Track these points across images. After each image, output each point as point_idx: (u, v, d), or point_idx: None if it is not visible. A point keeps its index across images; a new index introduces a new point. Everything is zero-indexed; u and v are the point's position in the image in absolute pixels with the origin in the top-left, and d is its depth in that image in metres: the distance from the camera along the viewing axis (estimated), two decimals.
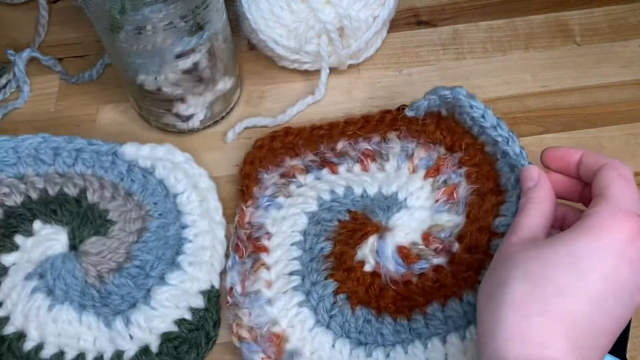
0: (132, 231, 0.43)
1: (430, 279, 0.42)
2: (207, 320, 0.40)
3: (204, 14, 0.44)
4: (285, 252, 0.44)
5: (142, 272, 0.41)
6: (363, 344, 0.40)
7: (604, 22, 0.58)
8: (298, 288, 0.42)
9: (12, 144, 0.44)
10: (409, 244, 0.43)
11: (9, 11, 0.62)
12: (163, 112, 0.50)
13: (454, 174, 0.45)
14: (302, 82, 0.56)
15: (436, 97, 0.45)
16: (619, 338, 0.41)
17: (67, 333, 0.39)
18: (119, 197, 0.44)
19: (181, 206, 0.44)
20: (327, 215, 0.45)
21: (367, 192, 0.46)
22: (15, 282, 0.40)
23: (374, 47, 0.55)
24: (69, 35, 0.60)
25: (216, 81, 0.50)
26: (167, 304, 0.40)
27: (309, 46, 0.52)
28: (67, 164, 0.45)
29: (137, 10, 0.40)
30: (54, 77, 0.57)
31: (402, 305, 0.41)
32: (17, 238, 0.42)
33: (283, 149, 0.49)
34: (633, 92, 0.53)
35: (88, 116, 0.54)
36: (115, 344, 0.39)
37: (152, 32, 0.42)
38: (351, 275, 0.42)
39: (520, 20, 0.59)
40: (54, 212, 0.43)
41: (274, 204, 0.46)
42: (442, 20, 0.59)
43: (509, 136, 0.42)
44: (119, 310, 0.40)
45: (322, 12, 0.49)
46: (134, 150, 0.45)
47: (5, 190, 0.43)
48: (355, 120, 0.49)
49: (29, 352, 0.38)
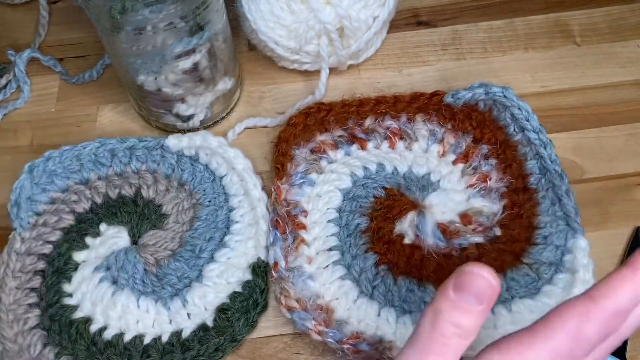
0: (185, 221, 0.47)
1: (472, 253, 0.44)
2: (255, 290, 0.43)
3: (204, 15, 0.44)
4: (322, 229, 0.45)
5: (194, 254, 0.45)
6: (408, 312, 0.42)
7: (603, 23, 0.58)
8: (338, 262, 0.44)
9: (76, 152, 0.48)
10: (447, 222, 0.45)
11: (9, 11, 0.62)
12: (163, 112, 0.50)
13: (483, 163, 0.48)
14: (302, 82, 0.56)
15: (482, 92, 0.48)
16: None
17: (127, 316, 0.43)
18: (172, 189, 0.48)
19: (227, 189, 0.48)
20: (362, 191, 0.46)
21: (397, 170, 0.48)
22: (85, 276, 0.44)
23: (373, 48, 0.56)
24: (69, 35, 0.60)
25: (216, 81, 0.50)
26: (218, 280, 0.44)
27: (309, 46, 0.52)
28: (123, 162, 0.49)
29: (137, 10, 0.40)
30: (54, 77, 0.57)
31: (443, 275, 0.42)
32: (87, 239, 0.46)
33: (315, 125, 0.50)
34: (633, 92, 0.53)
35: (88, 116, 0.55)
36: (174, 324, 0.43)
37: (152, 33, 0.42)
38: (391, 248, 0.44)
39: (520, 21, 0.59)
40: (115, 215, 0.47)
41: (307, 180, 0.47)
42: (442, 21, 0.59)
43: (547, 142, 0.46)
44: (175, 291, 0.44)
45: (322, 13, 0.49)
46: (176, 141, 0.48)
47: (75, 197, 0.47)
48: (386, 99, 0.50)
49: (94, 334, 0.42)
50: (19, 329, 0.42)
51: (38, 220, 0.46)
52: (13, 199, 0.46)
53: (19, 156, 0.53)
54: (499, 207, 0.46)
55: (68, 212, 0.47)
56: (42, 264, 0.45)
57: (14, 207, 0.46)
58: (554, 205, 0.45)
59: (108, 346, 0.42)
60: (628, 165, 0.49)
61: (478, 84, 0.48)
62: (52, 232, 0.46)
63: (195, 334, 0.42)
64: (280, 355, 0.43)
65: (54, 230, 0.46)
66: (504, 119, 0.48)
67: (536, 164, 0.46)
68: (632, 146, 0.51)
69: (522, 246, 0.44)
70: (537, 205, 0.45)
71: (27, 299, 0.43)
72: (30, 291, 0.44)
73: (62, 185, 0.48)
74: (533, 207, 0.45)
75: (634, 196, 0.48)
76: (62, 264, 0.45)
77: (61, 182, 0.48)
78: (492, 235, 0.45)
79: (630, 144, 0.51)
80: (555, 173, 0.45)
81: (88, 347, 0.42)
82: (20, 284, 0.44)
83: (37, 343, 0.41)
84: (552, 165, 0.45)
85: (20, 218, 0.46)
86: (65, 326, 0.42)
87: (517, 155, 0.47)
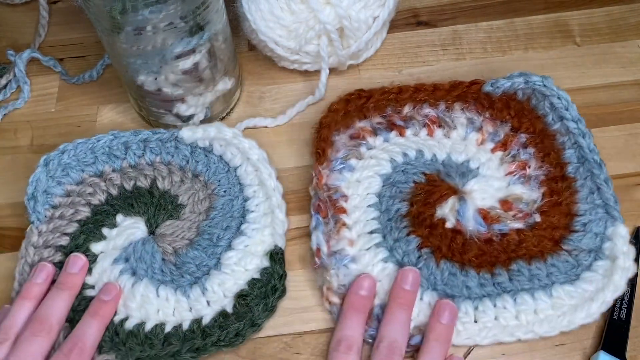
0: (201, 211, 0.47)
1: (513, 238, 0.45)
2: (273, 276, 0.44)
3: (204, 15, 0.44)
4: (363, 213, 0.46)
5: (212, 243, 0.46)
6: (450, 296, 0.42)
7: (603, 23, 0.58)
8: (380, 245, 0.45)
9: (90, 145, 0.48)
10: (488, 208, 0.46)
11: (9, 12, 0.62)
12: (163, 112, 0.50)
13: (522, 152, 0.48)
14: (302, 82, 0.56)
15: (521, 81, 0.48)
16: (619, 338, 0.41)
17: (147, 306, 0.43)
18: (187, 180, 0.49)
19: (242, 179, 0.48)
20: (402, 177, 0.47)
21: (436, 157, 0.49)
22: (105, 267, 0.45)
23: (373, 48, 0.56)
24: (69, 35, 0.60)
25: (216, 81, 0.50)
26: (236, 268, 0.45)
27: (308, 47, 0.52)
28: (137, 154, 0.49)
29: (138, 11, 0.40)
30: (54, 77, 0.57)
31: (484, 261, 0.44)
32: (103, 230, 0.47)
33: (354, 111, 0.50)
34: (633, 93, 0.53)
35: (88, 116, 0.55)
36: (194, 311, 0.43)
37: (153, 33, 0.42)
38: (434, 232, 0.45)
39: (520, 21, 0.59)
40: (132, 206, 0.47)
41: (347, 166, 0.48)
42: (442, 21, 0.59)
43: (586, 132, 0.47)
44: (195, 279, 0.44)
45: (322, 13, 0.49)
46: (191, 133, 0.48)
47: (90, 190, 0.48)
48: (425, 87, 0.51)
49: (116, 325, 0.43)
50: None
51: (54, 213, 0.47)
52: (30, 192, 0.46)
53: (19, 156, 0.53)
54: (539, 195, 0.46)
55: (84, 204, 0.47)
56: (60, 255, 0.45)
57: (31, 200, 0.46)
58: (593, 194, 0.46)
59: (130, 336, 0.42)
60: (628, 165, 0.49)
61: (518, 73, 0.49)
62: (69, 224, 0.46)
63: (216, 321, 0.43)
64: (280, 356, 0.43)
65: (71, 222, 0.47)
66: (543, 108, 0.49)
67: (574, 153, 0.47)
68: (632, 146, 0.51)
69: (561, 233, 0.45)
70: (575, 193, 0.46)
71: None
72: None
73: (77, 178, 0.48)
74: (572, 195, 0.46)
75: (634, 196, 0.48)
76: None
77: (76, 175, 0.48)
78: (532, 221, 0.45)
79: (630, 144, 0.51)
80: (594, 162, 0.46)
81: (112, 338, 0.42)
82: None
83: (60, 335, 0.41)
84: (591, 155, 0.46)
85: (37, 211, 0.46)
86: None
87: (555, 144, 0.48)
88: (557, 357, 0.42)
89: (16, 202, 0.50)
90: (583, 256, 0.43)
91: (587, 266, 0.43)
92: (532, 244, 0.44)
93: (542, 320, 0.41)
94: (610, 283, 0.41)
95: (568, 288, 0.42)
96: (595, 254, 0.43)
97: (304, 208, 0.48)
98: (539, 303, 0.42)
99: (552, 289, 0.42)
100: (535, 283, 0.42)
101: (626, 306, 0.42)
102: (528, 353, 0.42)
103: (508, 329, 0.41)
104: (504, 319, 0.41)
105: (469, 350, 0.42)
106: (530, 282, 0.43)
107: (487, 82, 0.50)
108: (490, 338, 0.41)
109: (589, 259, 0.43)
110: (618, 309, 0.42)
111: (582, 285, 0.42)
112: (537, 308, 0.42)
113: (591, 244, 0.44)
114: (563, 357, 0.42)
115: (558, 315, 0.41)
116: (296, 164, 0.51)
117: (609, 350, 0.40)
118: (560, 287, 0.42)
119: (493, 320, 0.41)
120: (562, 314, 0.41)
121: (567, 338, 0.42)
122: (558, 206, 0.46)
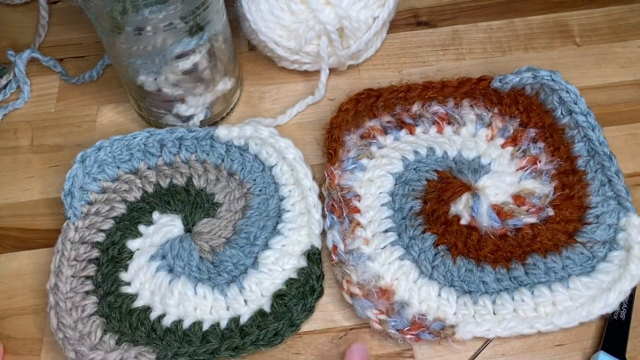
0: (237, 210, 0.48)
1: (527, 233, 0.45)
2: (311, 276, 0.44)
3: (204, 15, 0.44)
4: (376, 213, 0.46)
5: (249, 242, 0.46)
6: (467, 292, 0.43)
7: (603, 23, 0.58)
8: (396, 243, 0.45)
9: (126, 142, 0.48)
10: (501, 204, 0.46)
11: (9, 12, 0.62)
12: (163, 112, 0.50)
13: (532, 146, 0.49)
14: (302, 82, 0.56)
15: (530, 76, 0.49)
16: (619, 338, 0.41)
17: (185, 303, 0.44)
18: (222, 179, 0.49)
19: (277, 178, 0.48)
20: (414, 175, 0.48)
21: (447, 154, 0.49)
22: (141, 264, 0.45)
23: (373, 48, 0.56)
24: (69, 35, 0.60)
25: (216, 82, 0.50)
26: (273, 267, 0.45)
27: (308, 47, 0.52)
28: (172, 152, 0.49)
29: (138, 11, 0.40)
30: (54, 77, 0.57)
31: (500, 256, 0.44)
32: (140, 227, 0.47)
33: (364, 111, 0.51)
34: (632, 93, 0.53)
35: (88, 117, 0.55)
36: (231, 310, 0.43)
37: (153, 33, 0.42)
38: (449, 229, 0.45)
39: (520, 21, 0.59)
40: (168, 203, 0.48)
41: (359, 165, 0.48)
42: (442, 21, 0.59)
43: (595, 124, 0.47)
44: (232, 278, 0.45)
45: (322, 13, 0.49)
46: (226, 131, 0.48)
47: (126, 187, 0.48)
48: (433, 84, 0.51)
49: (153, 321, 0.43)
50: (77, 316, 0.42)
51: (90, 209, 0.47)
52: (67, 188, 0.46)
53: (19, 156, 0.53)
54: (550, 189, 0.47)
55: (119, 201, 0.48)
56: (96, 252, 0.45)
57: (68, 196, 0.46)
58: (604, 186, 0.46)
59: (168, 332, 0.42)
60: (628, 165, 0.49)
61: (525, 68, 0.49)
62: (105, 220, 0.47)
63: (254, 320, 0.43)
64: (280, 356, 0.43)
65: (107, 219, 0.47)
66: (551, 103, 0.49)
67: (584, 147, 0.47)
68: (632, 146, 0.51)
69: (575, 226, 0.45)
70: (587, 186, 0.46)
71: (83, 286, 0.44)
72: (85, 279, 0.44)
73: (113, 175, 0.48)
74: (583, 188, 0.46)
75: (634, 196, 0.48)
76: (117, 253, 0.45)
77: (111, 172, 0.48)
78: (545, 215, 0.46)
79: (630, 144, 0.51)
80: (604, 155, 0.46)
81: (149, 334, 0.42)
82: (75, 272, 0.44)
83: (97, 330, 0.42)
84: (601, 147, 0.46)
85: (74, 207, 0.46)
86: (126, 314, 0.43)
87: (564, 138, 0.48)
88: (557, 357, 0.42)
89: (16, 202, 0.50)
90: (597, 248, 0.44)
91: (602, 257, 0.43)
92: (547, 237, 0.45)
93: (561, 312, 0.41)
94: (626, 273, 0.42)
95: (585, 279, 0.42)
96: (610, 245, 0.44)
97: None
98: (556, 295, 0.42)
99: (568, 281, 0.42)
100: (551, 276, 0.43)
101: (626, 306, 0.42)
102: (528, 353, 0.42)
103: (527, 321, 0.41)
104: (523, 311, 0.42)
105: (484, 345, 0.42)
106: (546, 275, 0.43)
107: (495, 78, 0.50)
108: (509, 330, 0.41)
109: (604, 250, 0.44)
110: (618, 309, 0.42)
111: (598, 276, 0.42)
112: (555, 300, 0.42)
113: (605, 236, 0.44)
114: (563, 357, 0.42)
115: (577, 307, 0.41)
116: None
117: (609, 350, 0.40)
118: (577, 279, 0.42)
119: (512, 312, 0.42)
120: (580, 305, 0.41)
121: (567, 338, 0.42)
122: (570, 199, 0.46)
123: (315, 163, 0.51)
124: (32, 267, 0.47)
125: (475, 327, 0.41)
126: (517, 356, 0.42)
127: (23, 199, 0.50)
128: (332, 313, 0.44)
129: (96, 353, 0.40)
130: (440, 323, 0.41)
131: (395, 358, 0.42)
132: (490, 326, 0.41)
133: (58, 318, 0.42)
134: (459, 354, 0.42)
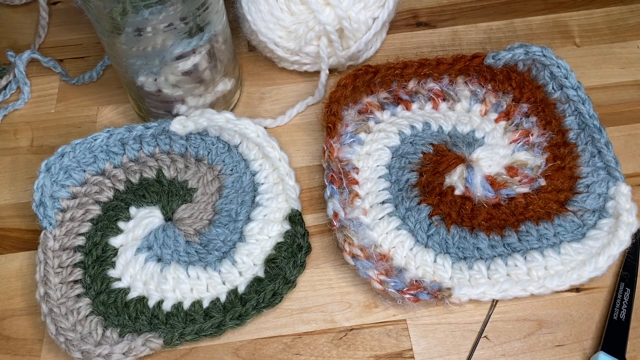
0: (213, 192, 0.49)
1: (520, 202, 0.46)
2: (296, 236, 0.46)
3: (204, 16, 0.44)
4: (374, 185, 0.48)
5: (231, 219, 0.47)
6: (462, 258, 0.44)
7: (603, 23, 0.58)
8: (393, 214, 0.46)
9: (87, 145, 0.48)
10: (494, 175, 0.48)
11: (9, 12, 0.62)
12: (163, 113, 0.50)
13: (524, 120, 0.50)
14: (302, 83, 0.56)
15: (522, 52, 0.50)
16: (619, 339, 0.41)
17: (181, 286, 0.45)
18: (191, 165, 0.49)
19: (245, 155, 0.49)
20: (410, 148, 0.49)
21: (442, 128, 0.50)
22: (129, 258, 0.46)
23: (373, 49, 0.56)
24: (69, 36, 0.60)
25: (216, 82, 0.50)
26: (260, 237, 0.46)
27: (308, 47, 0.52)
28: (135, 149, 0.49)
29: (137, 12, 0.40)
30: (54, 78, 0.57)
31: (493, 224, 0.46)
32: (119, 224, 0.47)
33: (362, 87, 0.51)
34: (632, 93, 0.53)
35: (88, 117, 0.55)
36: (228, 284, 0.45)
37: (152, 34, 0.42)
38: (444, 199, 0.47)
39: (520, 22, 0.59)
40: (143, 197, 0.48)
41: (357, 140, 0.50)
42: (442, 22, 0.59)
43: (585, 98, 0.48)
44: (223, 254, 0.46)
45: (322, 14, 0.49)
46: (181, 126, 0.48)
47: (96, 188, 0.48)
48: (429, 62, 0.52)
49: (153, 308, 0.44)
50: (74, 319, 0.43)
51: (64, 216, 0.47)
52: (37, 199, 0.46)
53: (19, 157, 0.53)
54: (542, 160, 0.48)
55: (92, 203, 0.48)
56: (80, 255, 0.46)
57: (40, 207, 0.46)
58: (594, 157, 0.47)
59: (170, 316, 0.43)
60: (628, 165, 0.49)
61: (518, 44, 0.50)
62: (81, 224, 0.47)
63: (251, 287, 0.44)
64: (279, 356, 0.43)
65: (83, 222, 0.47)
66: (543, 78, 0.50)
67: (575, 120, 0.49)
68: (632, 146, 0.51)
69: (566, 195, 0.47)
70: (577, 158, 0.48)
71: (72, 291, 0.44)
72: (74, 283, 0.45)
73: (80, 179, 0.48)
74: (574, 160, 0.48)
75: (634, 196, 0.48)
76: (101, 252, 0.46)
77: (78, 176, 0.48)
78: (537, 185, 0.47)
79: (630, 144, 0.51)
80: (594, 127, 0.47)
81: (150, 320, 0.43)
82: (63, 279, 0.45)
83: (97, 328, 0.42)
84: (591, 120, 0.48)
85: (49, 216, 0.46)
86: (122, 307, 0.44)
87: (555, 112, 0.50)
88: (557, 357, 0.42)
89: (16, 203, 0.50)
90: (588, 216, 0.45)
91: (592, 225, 0.45)
92: (539, 206, 0.46)
93: (553, 275, 0.42)
94: (615, 238, 0.43)
95: (575, 245, 0.44)
96: (600, 213, 0.45)
97: (309, 208, 0.49)
98: (548, 260, 0.43)
99: (560, 247, 0.44)
100: (543, 242, 0.44)
101: (626, 307, 0.42)
102: (528, 353, 0.42)
103: (520, 284, 0.42)
104: (516, 275, 0.43)
105: (492, 306, 0.43)
106: (539, 241, 0.44)
107: (488, 55, 0.51)
108: (503, 292, 0.42)
109: (594, 218, 0.45)
110: (618, 309, 0.42)
111: (588, 242, 0.44)
112: (547, 264, 0.43)
113: (595, 204, 0.45)
114: (563, 357, 0.42)
115: (568, 270, 0.43)
116: (297, 165, 0.51)
117: (608, 350, 0.40)
118: (568, 245, 0.44)
119: (505, 275, 0.43)
120: (571, 269, 0.43)
121: (567, 338, 0.42)
122: (561, 170, 0.47)
123: (315, 163, 0.51)
124: (32, 268, 0.47)
125: (471, 289, 0.42)
126: (517, 356, 0.42)
127: (23, 199, 0.50)
128: (332, 314, 0.44)
129: (102, 348, 0.41)
130: (437, 284, 0.42)
131: (395, 358, 0.42)
132: (485, 289, 0.42)
133: (55, 323, 0.42)
134: (459, 354, 0.42)
